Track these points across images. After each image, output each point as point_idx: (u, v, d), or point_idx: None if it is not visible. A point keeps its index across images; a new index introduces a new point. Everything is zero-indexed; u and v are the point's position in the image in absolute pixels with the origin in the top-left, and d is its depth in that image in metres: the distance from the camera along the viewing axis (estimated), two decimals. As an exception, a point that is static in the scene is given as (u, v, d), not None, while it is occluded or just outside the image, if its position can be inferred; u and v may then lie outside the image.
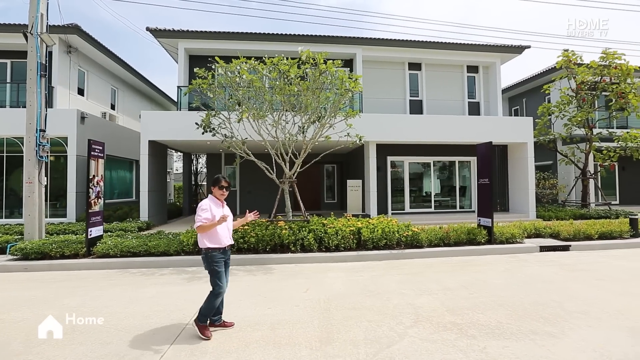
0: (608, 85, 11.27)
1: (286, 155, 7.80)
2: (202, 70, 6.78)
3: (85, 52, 11.34)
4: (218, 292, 3.16)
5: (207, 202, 3.23)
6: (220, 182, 3.31)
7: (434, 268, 5.65)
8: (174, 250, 6.37)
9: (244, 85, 6.44)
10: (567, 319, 3.40)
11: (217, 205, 3.27)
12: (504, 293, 4.24)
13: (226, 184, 3.34)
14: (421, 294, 4.26)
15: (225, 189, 3.33)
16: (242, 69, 6.27)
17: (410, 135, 10.79)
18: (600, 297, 4.06)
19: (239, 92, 6.50)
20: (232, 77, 6.39)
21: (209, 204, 3.21)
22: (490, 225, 7.17)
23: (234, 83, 6.43)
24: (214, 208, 3.22)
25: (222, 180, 3.32)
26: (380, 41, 11.35)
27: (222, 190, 3.32)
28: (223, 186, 3.32)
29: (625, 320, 3.35)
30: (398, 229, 6.82)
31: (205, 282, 4.98)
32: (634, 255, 6.46)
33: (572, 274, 5.14)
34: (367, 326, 3.29)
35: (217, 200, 3.32)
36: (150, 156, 10.05)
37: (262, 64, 6.87)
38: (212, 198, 3.31)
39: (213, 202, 3.27)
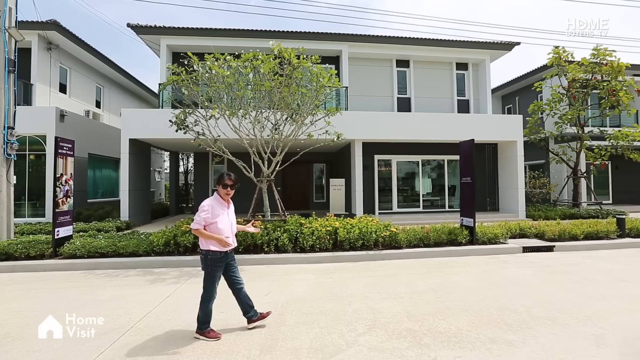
0: (599, 83, 11.05)
1: (265, 153, 7.61)
2: (174, 66, 6.59)
3: (67, 49, 11.15)
4: (208, 296, 3.02)
5: (209, 202, 3.03)
6: (224, 181, 3.07)
7: (409, 270, 5.46)
8: (144, 251, 6.19)
9: (215, 81, 6.24)
10: (532, 325, 3.21)
11: (220, 206, 3.08)
12: (473, 297, 4.05)
13: (231, 182, 3.09)
14: (386, 297, 4.06)
15: (230, 187, 3.09)
16: (212, 64, 6.06)
17: (398, 133, 10.59)
18: (573, 301, 3.86)
19: (210, 89, 6.29)
20: (202, 72, 6.18)
21: (210, 204, 3.01)
22: (472, 226, 6.98)
23: (205, 79, 6.23)
24: (216, 209, 3.02)
25: (226, 178, 3.08)
26: (367, 37, 11.14)
27: (226, 190, 3.08)
28: (227, 185, 3.07)
29: (593, 327, 3.15)
30: (376, 229, 6.62)
31: (167, 285, 4.82)
32: (618, 257, 6.26)
33: (550, 277, 4.94)
34: (317, 333, 3.10)
35: (221, 200, 3.11)
36: (131, 155, 9.86)
37: (236, 59, 6.68)
38: (216, 197, 3.11)
39: (216, 202, 3.08)
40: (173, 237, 6.35)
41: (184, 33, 10.42)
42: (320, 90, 6.38)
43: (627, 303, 3.78)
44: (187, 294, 4.38)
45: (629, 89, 11.00)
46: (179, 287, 4.70)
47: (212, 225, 2.98)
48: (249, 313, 3.18)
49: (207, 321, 3.03)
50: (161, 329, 3.26)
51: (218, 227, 2.98)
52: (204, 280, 3.06)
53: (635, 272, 5.16)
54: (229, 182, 3.08)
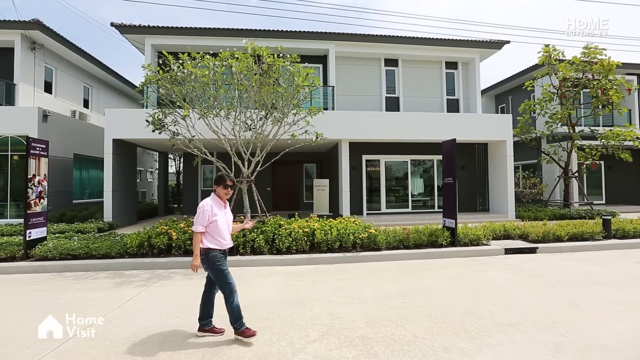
0: (590, 82, 10.90)
1: (245, 154, 7.52)
2: (150, 65, 6.49)
3: (52, 49, 11.06)
4: (230, 290, 2.95)
5: (208, 203, 3.01)
6: (225, 181, 3.09)
7: (384, 272, 5.34)
8: (117, 253, 6.08)
9: (189, 80, 6.13)
10: (492, 332, 3.09)
11: (219, 206, 3.07)
12: (440, 302, 3.93)
13: (231, 182, 3.15)
14: (351, 302, 3.95)
15: (229, 187, 3.13)
16: (186, 63, 5.96)
17: (386, 133, 10.47)
18: (542, 306, 3.73)
19: (184, 88, 6.18)
20: (176, 71, 6.08)
21: (210, 205, 3.00)
22: (453, 227, 6.86)
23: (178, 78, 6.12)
24: (215, 209, 3.02)
25: (227, 179, 3.11)
26: (354, 36, 11.02)
27: (227, 190, 3.11)
28: (228, 185, 3.10)
29: (555, 335, 3.03)
30: (354, 231, 6.50)
31: (132, 287, 4.72)
32: (600, 259, 6.13)
33: (526, 280, 4.82)
34: (266, 340, 2.99)
35: (219, 200, 3.11)
36: (115, 155, 9.76)
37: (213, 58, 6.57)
38: (214, 197, 3.10)
39: (215, 202, 3.06)
40: (147, 239, 6.25)
41: (169, 32, 10.32)
42: (296, 90, 6.26)
43: (596, 308, 3.65)
44: (150, 297, 4.28)
45: (619, 87, 10.83)
46: (144, 290, 4.59)
47: (212, 223, 2.97)
48: (204, 320, 3.11)
49: (241, 316, 2.98)
50: (109, 334, 3.15)
51: (218, 226, 2.98)
52: (216, 281, 3.00)
53: (613, 275, 5.03)
54: (230, 182, 3.11)
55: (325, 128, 9.88)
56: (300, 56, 11.69)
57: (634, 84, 12.18)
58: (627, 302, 3.83)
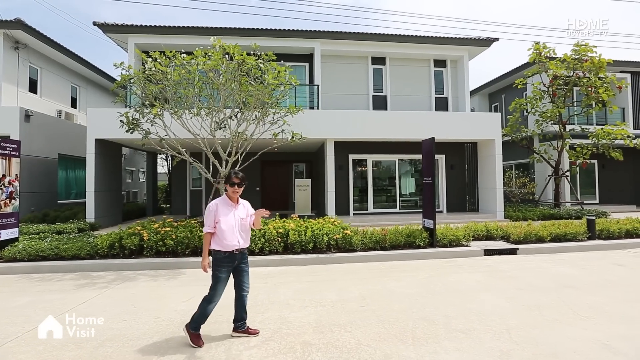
0: (580, 80, 10.70)
1: (224, 153, 7.42)
2: (121, 63, 6.40)
3: (37, 49, 11.02)
4: (210, 299, 2.92)
5: (214, 204, 2.96)
6: (231, 179, 2.99)
7: (354, 274, 5.22)
8: (86, 254, 6.00)
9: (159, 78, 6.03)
10: (442, 339, 2.96)
11: (227, 206, 2.99)
12: (399, 306, 3.80)
13: (237, 180, 2.99)
14: (307, 306, 3.83)
15: (237, 185, 2.99)
16: (156, 61, 5.86)
17: (373, 132, 10.33)
18: (503, 311, 3.60)
19: (155, 87, 6.09)
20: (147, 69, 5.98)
21: (216, 205, 2.95)
22: (432, 227, 6.72)
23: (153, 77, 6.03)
24: (221, 210, 2.94)
25: (232, 176, 3.00)
26: (340, 34, 10.88)
27: (233, 187, 2.99)
28: (234, 182, 2.99)
29: (506, 342, 2.89)
30: (328, 232, 6.38)
31: (93, 289, 4.63)
32: (580, 260, 5.97)
33: (496, 282, 4.68)
34: (204, 347, 2.87)
35: (228, 200, 3.02)
36: (99, 155, 9.70)
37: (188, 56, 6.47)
38: (223, 197, 3.05)
39: (222, 203, 2.99)
40: (118, 240, 6.17)
41: (152, 31, 10.24)
42: (267, 88, 6.13)
43: (559, 313, 3.51)
44: (106, 299, 4.18)
45: (610, 85, 10.62)
46: (103, 292, 4.51)
47: (217, 224, 2.92)
48: (238, 322, 3.10)
49: (199, 324, 2.95)
50: (47, 339, 3.05)
51: (221, 227, 2.90)
52: (211, 283, 2.98)
53: (589, 277, 4.87)
54: (236, 179, 3.00)
55: (310, 127, 9.77)
56: (286, 55, 11.73)
57: (625, 82, 11.94)
58: (593, 307, 3.69)
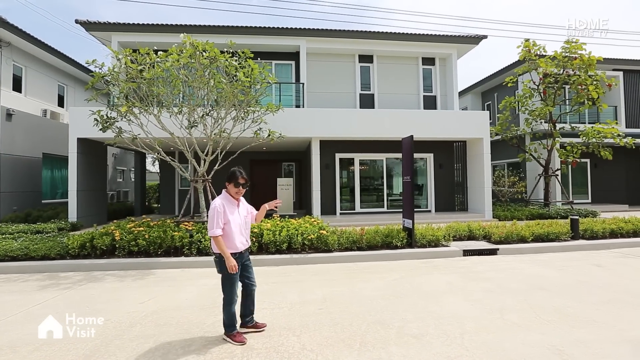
0: (570, 78, 10.54)
1: (202, 152, 7.32)
2: (93, 61, 6.30)
3: (20, 47, 10.92)
4: (230, 300, 2.89)
5: (220, 203, 2.81)
6: (237, 179, 2.85)
7: (324, 275, 5.10)
8: (56, 254, 5.91)
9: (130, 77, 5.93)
10: (390, 344, 2.84)
11: (231, 205, 2.89)
12: (359, 308, 3.68)
13: (244, 180, 2.88)
14: (265, 308, 3.72)
15: (242, 186, 2.89)
16: (127, 59, 5.76)
17: (359, 131, 10.21)
18: (464, 314, 3.48)
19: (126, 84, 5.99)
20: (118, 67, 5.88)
21: (222, 205, 2.81)
22: (411, 227, 6.59)
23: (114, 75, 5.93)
24: (229, 210, 2.84)
25: (239, 176, 2.86)
26: (326, 32, 10.74)
27: (238, 189, 2.88)
28: (240, 184, 2.86)
29: (456, 348, 2.77)
30: (303, 232, 6.27)
31: (55, 291, 4.53)
32: (560, 261, 5.84)
33: (466, 284, 4.55)
34: (133, 349, 2.76)
35: (231, 199, 2.91)
36: (81, 154, 9.61)
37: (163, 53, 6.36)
38: (225, 196, 2.90)
39: (227, 202, 2.88)
40: (90, 240, 6.08)
41: (135, 29, 10.15)
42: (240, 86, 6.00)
43: (522, 317, 3.39)
44: (63, 301, 4.08)
45: (599, 83, 10.45)
46: (63, 293, 4.41)
47: (225, 226, 2.82)
48: (247, 317, 3.08)
49: (233, 324, 2.92)
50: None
51: (231, 229, 2.81)
52: (222, 284, 2.92)
53: (562, 279, 4.74)
54: (242, 180, 2.87)
55: (294, 126, 9.66)
56: (272, 53, 11.62)
57: (615, 80, 11.77)
58: (559, 310, 3.56)
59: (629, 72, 13.95)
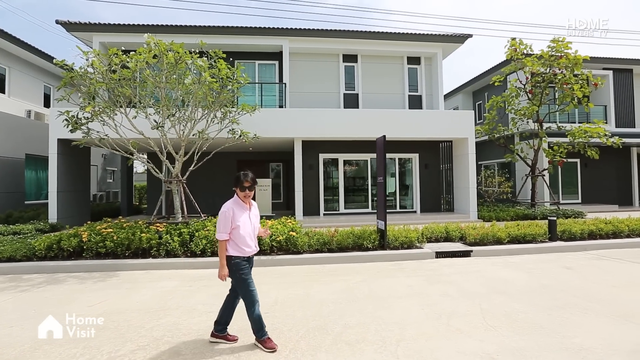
0: (555, 77, 10.40)
1: (176, 153, 7.27)
2: (62, 61, 6.26)
3: (3, 48, 10.93)
4: (252, 301, 2.79)
5: (229, 207, 2.78)
6: (243, 183, 2.79)
7: (285, 278, 5.03)
8: (22, 256, 5.88)
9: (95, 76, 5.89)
10: (320, 351, 2.77)
11: (241, 209, 2.83)
12: (306, 312, 3.61)
13: (249, 183, 2.81)
14: (210, 311, 3.64)
15: (248, 189, 2.83)
16: (94, 59, 5.71)
17: (343, 131, 10.13)
18: (410, 319, 3.39)
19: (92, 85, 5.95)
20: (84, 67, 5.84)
21: (231, 209, 2.77)
22: (383, 229, 6.51)
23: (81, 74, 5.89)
24: (238, 214, 2.78)
25: (244, 180, 2.80)
26: (309, 32, 10.67)
27: (244, 192, 2.82)
28: (245, 187, 2.80)
29: (388, 356, 2.69)
30: (273, 233, 6.20)
31: (12, 293, 4.49)
32: (532, 263, 5.73)
33: (426, 288, 4.46)
34: (75, 353, 2.70)
35: (241, 202, 2.86)
36: (62, 155, 9.60)
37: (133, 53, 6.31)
38: (236, 200, 2.85)
39: (237, 205, 2.82)
40: (57, 241, 6.04)
41: (115, 30, 10.12)
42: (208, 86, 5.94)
43: (467, 322, 3.30)
44: (13, 304, 4.05)
45: (585, 82, 10.30)
46: (17, 296, 4.37)
47: (234, 230, 2.76)
48: (220, 325, 2.94)
49: (261, 327, 2.81)
50: None
51: (240, 233, 2.76)
52: (238, 290, 2.85)
53: (526, 282, 4.64)
54: (248, 183, 2.80)
55: (275, 126, 9.60)
56: (255, 53, 11.55)
57: (601, 79, 11.60)
58: (509, 315, 3.47)
59: (619, 71, 13.77)
